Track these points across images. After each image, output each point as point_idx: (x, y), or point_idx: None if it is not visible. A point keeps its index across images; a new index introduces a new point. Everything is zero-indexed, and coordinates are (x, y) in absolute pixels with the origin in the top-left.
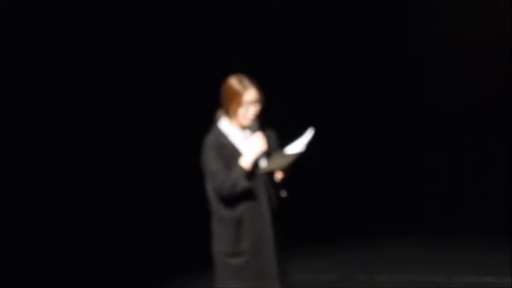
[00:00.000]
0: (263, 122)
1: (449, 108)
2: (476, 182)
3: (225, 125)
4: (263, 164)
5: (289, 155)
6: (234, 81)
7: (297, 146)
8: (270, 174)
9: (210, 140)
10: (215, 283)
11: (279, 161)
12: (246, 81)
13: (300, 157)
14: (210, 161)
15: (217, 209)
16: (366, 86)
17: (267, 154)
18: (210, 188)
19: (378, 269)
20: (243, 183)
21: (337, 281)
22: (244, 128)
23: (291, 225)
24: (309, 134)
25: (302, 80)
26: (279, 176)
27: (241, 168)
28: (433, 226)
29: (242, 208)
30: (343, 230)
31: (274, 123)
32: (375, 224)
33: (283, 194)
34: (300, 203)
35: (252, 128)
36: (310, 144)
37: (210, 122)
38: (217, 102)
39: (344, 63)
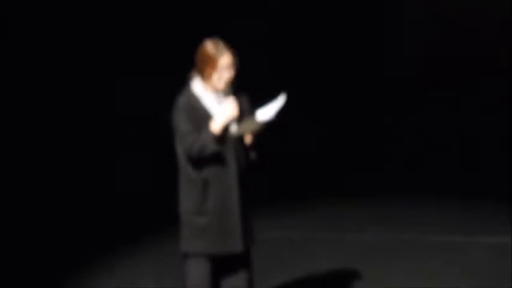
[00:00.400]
0: (237, 85)
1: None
2: (439, 146)
3: (199, 88)
4: (234, 128)
5: (259, 121)
6: (209, 46)
7: (268, 111)
8: (240, 137)
9: (182, 101)
10: (180, 240)
11: (249, 126)
12: (222, 46)
13: (271, 122)
14: (181, 123)
15: (185, 169)
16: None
17: (239, 118)
18: (179, 149)
19: (345, 227)
20: (211, 146)
21: (307, 239)
22: (216, 91)
23: (262, 184)
24: (280, 100)
25: (276, 47)
26: (248, 139)
27: (211, 132)
28: (399, 186)
29: (210, 170)
30: (313, 190)
31: (248, 87)
32: (343, 184)
33: (253, 156)
34: (271, 163)
35: (225, 92)
36: (282, 109)
37: (183, 83)
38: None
39: (317, 32)
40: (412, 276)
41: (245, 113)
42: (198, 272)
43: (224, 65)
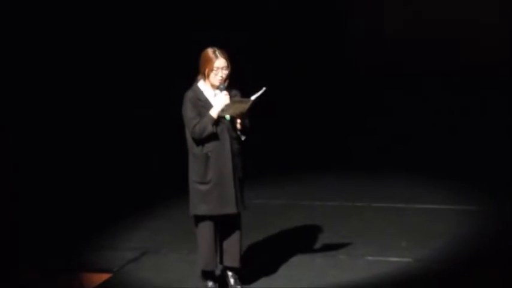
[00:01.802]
0: (230, 83)
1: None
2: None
3: (202, 84)
4: (225, 109)
5: (241, 101)
6: (208, 51)
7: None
8: (232, 122)
9: (189, 94)
10: (190, 204)
11: (236, 106)
12: (218, 52)
13: (254, 107)
14: (187, 111)
15: (191, 148)
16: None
17: (229, 105)
18: (187, 131)
19: (315, 196)
20: (210, 129)
21: (285, 206)
22: (215, 87)
23: (249, 160)
24: (262, 90)
25: (256, 48)
26: (239, 122)
27: (209, 117)
28: (357, 166)
29: (210, 147)
30: (291, 166)
31: (238, 84)
32: (316, 162)
33: (243, 137)
34: (257, 144)
35: (220, 88)
36: (264, 98)
37: (191, 82)
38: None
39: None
40: (362, 233)
41: (233, 100)
42: (205, 229)
43: (219, 66)
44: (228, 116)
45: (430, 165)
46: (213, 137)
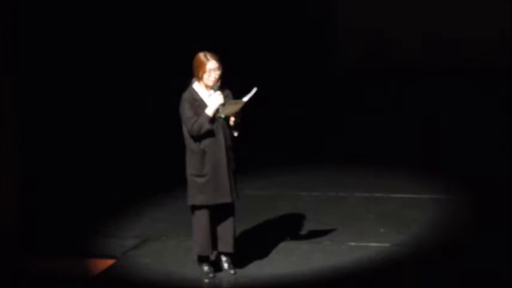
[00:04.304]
0: (223, 84)
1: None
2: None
3: (196, 86)
4: (220, 110)
5: (236, 102)
6: (200, 55)
7: (244, 98)
8: (226, 119)
9: (185, 95)
10: (187, 195)
11: (231, 107)
12: (209, 55)
13: (246, 107)
14: (185, 110)
15: (189, 144)
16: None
17: (224, 105)
18: (184, 129)
19: (301, 187)
20: (206, 126)
21: (273, 196)
22: (208, 88)
23: (242, 153)
24: (253, 91)
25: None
26: (232, 120)
27: (206, 115)
28: (340, 159)
29: (206, 143)
30: (277, 162)
31: (230, 85)
32: (301, 155)
33: (236, 134)
34: (247, 143)
35: (214, 88)
36: (254, 98)
37: (187, 84)
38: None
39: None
40: (344, 221)
41: (228, 102)
42: (201, 218)
43: (210, 67)
44: (222, 115)
45: (407, 157)
46: (209, 133)
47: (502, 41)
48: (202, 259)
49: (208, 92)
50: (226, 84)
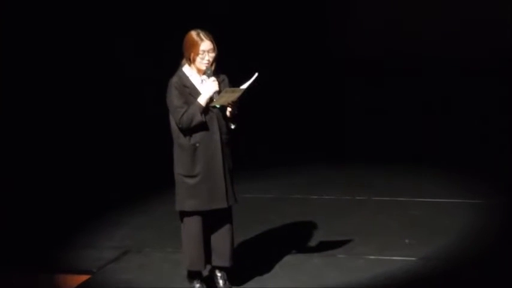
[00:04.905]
0: (218, 68)
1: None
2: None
3: (187, 69)
4: (215, 99)
5: (234, 90)
6: (192, 34)
7: (243, 85)
8: (222, 110)
9: (174, 80)
10: (176, 200)
11: (227, 96)
12: (202, 34)
13: (244, 95)
14: (173, 98)
15: (178, 138)
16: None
17: (220, 94)
18: (172, 121)
19: (310, 190)
20: (198, 118)
21: (276, 200)
22: (201, 72)
23: (239, 154)
24: (253, 77)
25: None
26: (228, 111)
27: (198, 105)
28: (355, 157)
29: (197, 137)
30: (282, 159)
31: (227, 70)
32: (307, 155)
33: (233, 126)
34: (247, 137)
35: (208, 73)
36: (254, 85)
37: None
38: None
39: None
40: (362, 230)
41: (224, 89)
42: (192, 226)
43: (204, 49)
44: (217, 105)
45: (433, 155)
46: (202, 126)
47: None
48: (192, 275)
49: (200, 78)
50: (222, 68)
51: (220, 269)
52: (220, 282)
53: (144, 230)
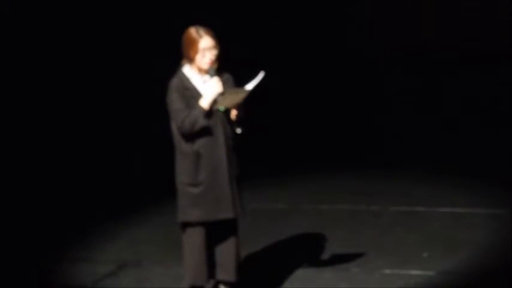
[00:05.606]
0: (221, 67)
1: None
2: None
3: (188, 70)
4: (219, 100)
5: (239, 91)
6: (191, 31)
7: (248, 85)
8: (226, 113)
9: (174, 82)
10: (178, 209)
11: (231, 97)
12: (202, 31)
13: (251, 96)
14: (174, 102)
15: (179, 144)
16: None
17: (223, 95)
18: (173, 125)
19: (321, 199)
20: (201, 122)
21: (286, 210)
22: (203, 72)
23: (245, 160)
24: (259, 76)
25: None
26: (234, 114)
27: (200, 108)
28: (369, 163)
29: (201, 143)
30: (291, 166)
31: (231, 68)
32: (318, 161)
33: (239, 130)
34: (253, 142)
35: (210, 73)
36: (260, 85)
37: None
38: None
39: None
40: (378, 242)
41: (229, 90)
42: (195, 238)
43: (205, 46)
44: (222, 107)
45: (453, 163)
46: (205, 131)
47: None
48: None
49: (202, 78)
50: (226, 67)
51: (225, 283)
52: None
53: (142, 243)
